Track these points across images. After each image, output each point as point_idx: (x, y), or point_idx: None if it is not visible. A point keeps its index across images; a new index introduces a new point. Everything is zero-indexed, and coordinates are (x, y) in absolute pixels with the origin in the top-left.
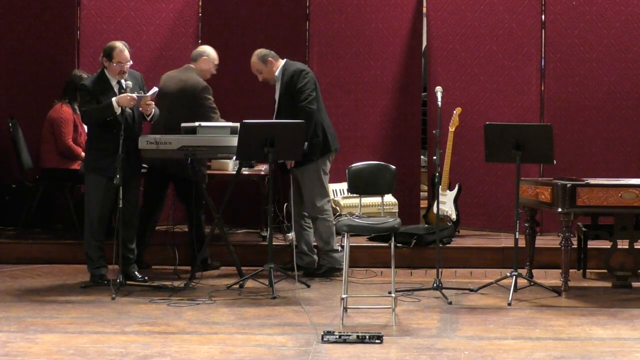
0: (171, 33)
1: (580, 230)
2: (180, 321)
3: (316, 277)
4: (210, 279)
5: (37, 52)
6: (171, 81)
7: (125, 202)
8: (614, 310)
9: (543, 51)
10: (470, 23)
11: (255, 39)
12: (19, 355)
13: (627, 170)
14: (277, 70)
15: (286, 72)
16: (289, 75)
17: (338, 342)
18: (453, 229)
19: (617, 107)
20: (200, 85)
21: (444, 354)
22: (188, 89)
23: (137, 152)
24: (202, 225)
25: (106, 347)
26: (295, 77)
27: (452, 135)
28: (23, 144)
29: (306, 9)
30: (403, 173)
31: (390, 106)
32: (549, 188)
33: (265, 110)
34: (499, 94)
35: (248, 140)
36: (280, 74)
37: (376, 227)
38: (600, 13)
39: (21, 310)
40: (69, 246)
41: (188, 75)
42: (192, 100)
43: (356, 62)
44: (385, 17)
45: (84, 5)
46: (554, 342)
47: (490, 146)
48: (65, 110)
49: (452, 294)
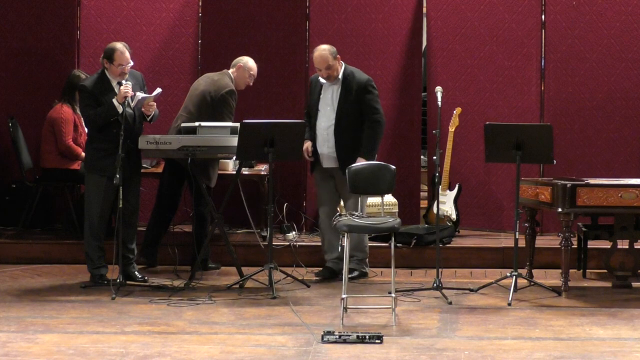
0: (171, 33)
1: (580, 230)
2: (180, 321)
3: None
4: (210, 279)
5: (37, 52)
6: (203, 79)
7: (125, 202)
8: (614, 310)
9: (543, 51)
10: (470, 23)
11: (255, 39)
12: (19, 355)
13: (627, 170)
14: (340, 72)
15: (350, 77)
16: (359, 83)
17: (338, 342)
18: (453, 229)
19: (617, 107)
20: (227, 87)
21: (444, 354)
22: (215, 88)
23: (137, 152)
24: (204, 225)
25: (106, 347)
26: (368, 87)
27: (452, 135)
28: (23, 144)
29: (306, 9)
30: (403, 173)
31: (390, 106)
32: (549, 188)
33: (265, 110)
34: (499, 94)
35: (248, 140)
36: (342, 77)
37: (376, 227)
38: (600, 13)
39: (21, 310)
40: (69, 246)
41: (220, 77)
42: (216, 99)
43: (356, 62)
44: (385, 17)
45: (84, 5)
46: (554, 342)
47: (490, 146)
48: (65, 111)
49: (452, 294)
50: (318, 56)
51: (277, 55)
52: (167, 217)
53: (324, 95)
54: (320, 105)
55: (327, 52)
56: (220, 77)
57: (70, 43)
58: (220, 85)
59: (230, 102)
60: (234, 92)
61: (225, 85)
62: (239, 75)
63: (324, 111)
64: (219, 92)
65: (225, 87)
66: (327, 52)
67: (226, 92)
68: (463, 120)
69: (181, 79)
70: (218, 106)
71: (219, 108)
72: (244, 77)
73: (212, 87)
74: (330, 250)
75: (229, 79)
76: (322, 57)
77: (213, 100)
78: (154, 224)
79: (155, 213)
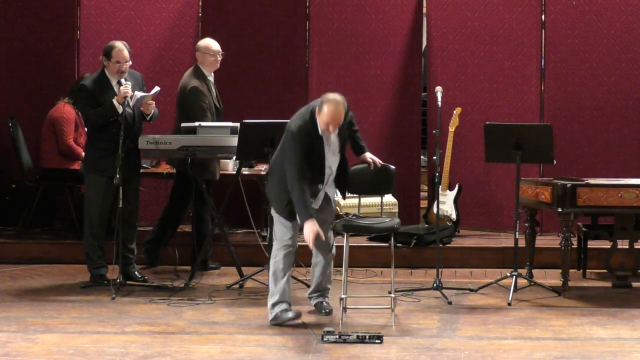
0: (171, 33)
1: (580, 230)
2: (180, 321)
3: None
4: (210, 279)
5: (37, 52)
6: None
7: (125, 202)
8: (614, 310)
9: (543, 51)
10: (470, 23)
11: (255, 39)
12: (19, 355)
13: (627, 170)
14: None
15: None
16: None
17: (338, 342)
18: (453, 229)
19: (617, 107)
20: (188, 86)
21: (444, 354)
22: (180, 89)
23: (136, 152)
24: (204, 225)
25: (106, 347)
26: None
27: (452, 135)
28: (23, 144)
29: (306, 9)
30: (403, 173)
31: (390, 106)
32: (549, 188)
33: (265, 110)
34: (499, 94)
35: (248, 140)
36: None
37: (375, 227)
38: (600, 13)
39: (21, 310)
40: (69, 246)
41: (185, 76)
42: (184, 100)
43: (356, 62)
44: (385, 17)
45: (84, 5)
46: (554, 342)
47: (490, 146)
48: (67, 110)
49: (452, 294)
50: (338, 112)
51: (277, 55)
52: (177, 218)
53: (330, 142)
54: (326, 154)
55: (342, 107)
56: (184, 76)
57: (70, 43)
58: (182, 86)
59: (195, 101)
60: (194, 89)
61: (185, 85)
62: (202, 62)
63: (331, 158)
64: (183, 94)
65: (186, 86)
66: (343, 107)
67: (189, 92)
68: (463, 120)
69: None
70: (188, 107)
71: (189, 109)
72: (207, 60)
73: (180, 89)
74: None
75: (191, 73)
76: (340, 113)
77: (183, 102)
78: (162, 222)
79: (165, 212)
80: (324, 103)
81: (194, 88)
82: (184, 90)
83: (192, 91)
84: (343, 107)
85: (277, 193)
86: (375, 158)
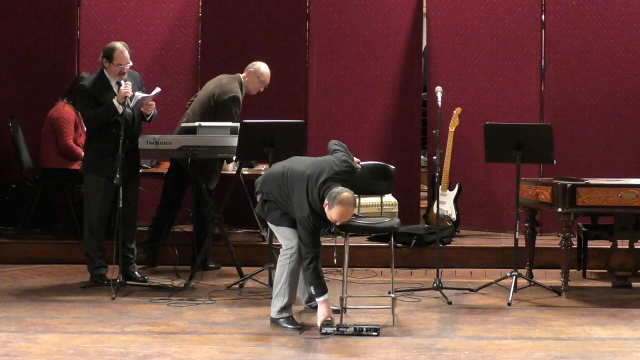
0: (171, 33)
1: (580, 230)
2: (180, 321)
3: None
4: (210, 279)
5: (37, 52)
6: (214, 81)
7: (125, 202)
8: (614, 310)
9: (543, 51)
10: (470, 23)
11: (255, 39)
12: (19, 355)
13: (627, 170)
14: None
15: None
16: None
17: (336, 334)
18: (453, 229)
19: (617, 107)
20: (231, 93)
21: (444, 354)
22: (220, 92)
23: (136, 152)
24: (204, 225)
25: (106, 347)
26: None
27: (452, 135)
28: (23, 144)
29: (306, 9)
30: (403, 173)
31: (390, 106)
32: (549, 188)
33: (265, 110)
34: (499, 94)
35: (248, 140)
36: None
37: (375, 227)
38: (600, 13)
39: (21, 310)
40: (69, 246)
41: (229, 81)
42: (218, 103)
43: (356, 62)
44: (385, 17)
45: (84, 5)
46: (554, 342)
47: (490, 146)
48: (67, 110)
49: (452, 294)
50: (347, 214)
51: (277, 55)
52: (171, 215)
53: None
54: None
55: (354, 208)
56: (228, 81)
57: (70, 43)
58: (224, 90)
59: (232, 109)
60: (236, 98)
61: (229, 91)
62: (249, 80)
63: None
64: (222, 97)
65: (229, 92)
66: (354, 208)
67: (228, 98)
68: (463, 120)
69: (181, 79)
70: (220, 110)
71: (220, 112)
72: (253, 82)
73: (217, 90)
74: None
75: (237, 83)
76: (350, 214)
77: (216, 104)
78: (157, 220)
79: (159, 210)
80: (336, 202)
81: (237, 97)
82: (224, 94)
83: (235, 100)
84: (354, 208)
85: (277, 220)
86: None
